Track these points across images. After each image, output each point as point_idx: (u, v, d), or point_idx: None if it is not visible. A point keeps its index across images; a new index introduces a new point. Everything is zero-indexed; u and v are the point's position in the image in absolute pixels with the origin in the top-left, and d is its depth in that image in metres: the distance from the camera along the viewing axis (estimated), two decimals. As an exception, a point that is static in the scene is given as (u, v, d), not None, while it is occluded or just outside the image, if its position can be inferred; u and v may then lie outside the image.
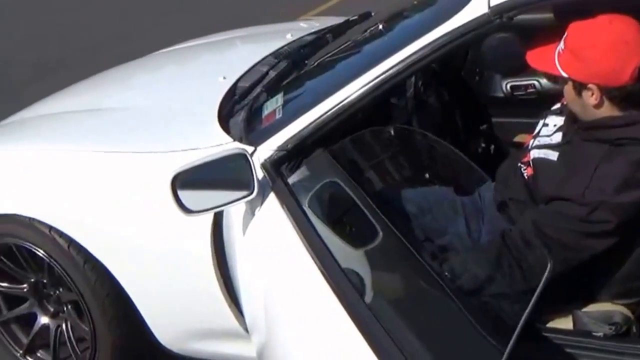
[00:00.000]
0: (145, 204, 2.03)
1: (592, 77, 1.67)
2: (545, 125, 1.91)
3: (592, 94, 1.68)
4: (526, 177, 1.86)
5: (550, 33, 1.78)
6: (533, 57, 1.80)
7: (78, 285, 2.19)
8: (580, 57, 1.67)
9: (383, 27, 2.19)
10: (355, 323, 1.35)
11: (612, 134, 1.68)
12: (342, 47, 2.27)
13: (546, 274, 1.43)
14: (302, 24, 3.33)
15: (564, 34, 1.73)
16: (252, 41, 3.12)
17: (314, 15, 5.60)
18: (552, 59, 1.72)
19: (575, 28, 1.70)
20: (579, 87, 1.70)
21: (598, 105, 1.69)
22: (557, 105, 2.01)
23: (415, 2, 2.32)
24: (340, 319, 1.37)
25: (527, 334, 1.63)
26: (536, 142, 1.87)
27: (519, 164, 1.90)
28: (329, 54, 2.28)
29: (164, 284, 2.07)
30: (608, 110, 1.70)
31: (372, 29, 2.26)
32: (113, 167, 2.09)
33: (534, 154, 1.84)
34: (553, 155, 1.81)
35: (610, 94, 1.67)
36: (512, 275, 1.68)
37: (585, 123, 1.75)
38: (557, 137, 1.86)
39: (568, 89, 1.74)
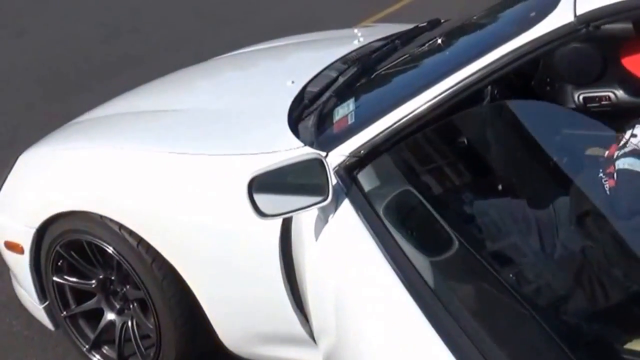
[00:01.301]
0: (216, 206, 2.02)
1: None
2: (634, 135, 1.83)
3: None
4: (607, 190, 1.79)
5: None
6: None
7: (145, 284, 2.19)
8: None
9: (458, 35, 2.14)
10: (435, 329, 1.31)
11: None
12: (415, 54, 2.23)
13: None
14: (365, 31, 3.29)
15: None
16: (318, 46, 3.10)
17: (373, 22, 5.56)
18: None
19: None
20: None
21: None
22: None
23: (489, 10, 2.26)
24: (419, 326, 1.33)
25: (605, 354, 1.56)
26: (622, 153, 1.80)
27: (600, 175, 1.83)
28: (401, 61, 2.24)
29: (231, 287, 2.07)
30: None
31: (445, 37, 2.21)
32: (185, 169, 2.10)
33: (620, 164, 1.77)
34: (638, 167, 1.73)
35: None
36: (592, 292, 1.61)
37: None
38: None
39: None
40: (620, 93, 2.47)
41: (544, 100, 2.51)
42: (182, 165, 2.10)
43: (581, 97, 2.58)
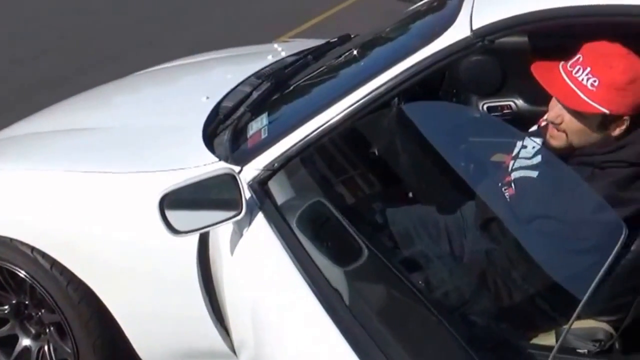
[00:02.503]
0: (130, 224, 1.98)
1: (635, 109, 1.65)
2: (524, 147, 1.91)
3: (621, 125, 1.67)
4: (508, 198, 1.86)
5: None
6: (562, 96, 1.72)
7: (61, 307, 2.12)
8: (627, 91, 1.64)
9: (366, 49, 2.18)
10: (347, 339, 1.32)
11: (599, 158, 1.69)
12: (326, 68, 2.26)
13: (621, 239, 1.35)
14: (280, 46, 3.32)
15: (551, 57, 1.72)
16: (233, 62, 3.10)
17: (290, 38, 5.61)
18: (578, 97, 1.66)
19: (604, 63, 1.67)
20: (608, 120, 1.67)
21: (614, 133, 1.67)
22: (534, 128, 2.01)
23: (396, 25, 2.32)
24: (332, 335, 1.34)
25: (511, 350, 1.62)
26: (517, 164, 1.87)
27: (500, 185, 1.90)
28: (313, 75, 2.27)
29: (149, 305, 2.03)
30: (614, 134, 1.68)
31: (354, 51, 2.25)
32: (98, 187, 2.05)
33: (515, 175, 1.84)
34: (535, 176, 1.80)
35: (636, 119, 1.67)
36: (497, 292, 1.66)
37: (576, 150, 1.75)
38: (537, 159, 1.86)
39: (582, 122, 1.70)
40: (520, 102, 2.59)
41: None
42: (95, 184, 2.05)
43: (485, 107, 2.69)
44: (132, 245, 1.98)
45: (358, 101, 1.77)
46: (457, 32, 1.71)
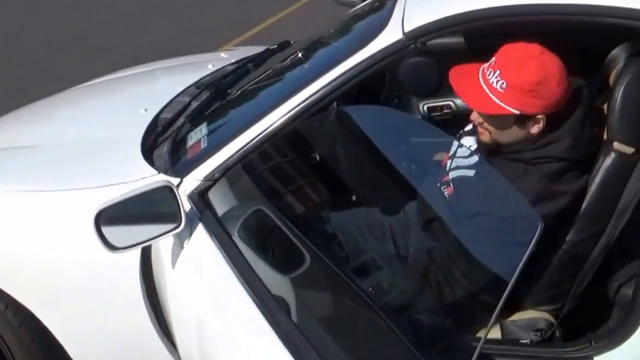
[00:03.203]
0: (69, 243, 1.93)
1: (547, 108, 1.69)
2: (460, 146, 1.93)
3: (538, 123, 1.70)
4: (447, 196, 1.88)
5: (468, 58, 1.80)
6: (471, 99, 1.78)
7: (0, 332, 2.05)
8: (536, 92, 1.67)
9: (303, 55, 2.18)
10: (288, 349, 1.32)
11: (529, 155, 1.72)
12: (264, 75, 2.25)
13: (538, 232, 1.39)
14: (223, 54, 3.30)
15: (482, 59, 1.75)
16: (173, 72, 3.06)
17: (234, 46, 5.58)
18: (489, 99, 1.70)
19: (514, 65, 1.70)
20: (524, 119, 1.71)
21: (532, 131, 1.71)
22: (469, 127, 2.04)
23: (333, 30, 2.32)
24: (274, 346, 1.33)
25: (458, 347, 1.63)
26: (454, 163, 1.89)
27: (439, 184, 1.91)
28: (252, 83, 2.25)
29: (94, 324, 1.97)
30: (533, 132, 1.72)
31: (292, 57, 2.25)
32: (35, 207, 1.99)
33: (453, 174, 1.86)
34: (472, 174, 1.83)
35: (552, 118, 1.71)
36: (439, 290, 1.68)
37: (504, 147, 1.78)
38: (474, 158, 1.89)
39: (499, 122, 1.74)
40: (458, 102, 2.62)
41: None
42: (31, 204, 1.99)
43: (425, 107, 2.71)
44: (72, 264, 1.93)
45: (296, 107, 1.77)
46: (389, 36, 1.72)
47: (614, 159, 1.75)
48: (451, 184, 1.86)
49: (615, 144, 1.74)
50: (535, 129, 1.71)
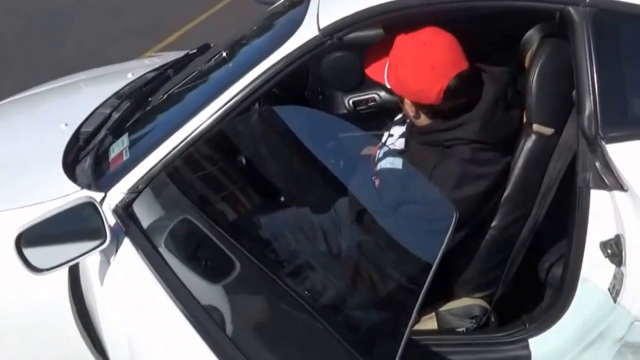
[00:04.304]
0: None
1: (406, 94, 1.76)
2: (390, 135, 1.95)
3: (410, 107, 1.77)
4: (376, 187, 1.88)
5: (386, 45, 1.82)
6: (370, 68, 1.85)
7: None
8: (396, 74, 1.74)
9: (222, 58, 2.15)
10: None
11: (441, 137, 1.75)
12: (184, 81, 2.21)
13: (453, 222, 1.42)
14: (146, 61, 3.22)
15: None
16: (93, 83, 2.97)
17: (157, 52, 5.47)
18: (383, 71, 1.78)
19: (397, 45, 1.76)
20: (401, 99, 1.79)
21: (416, 117, 1.78)
22: (400, 116, 2.05)
23: (252, 30, 2.29)
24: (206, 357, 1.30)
25: (395, 340, 1.63)
26: (382, 154, 1.89)
27: (370, 175, 1.91)
28: (172, 90, 2.21)
29: (24, 348, 1.89)
30: (427, 120, 1.78)
31: (211, 60, 2.21)
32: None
33: (381, 164, 1.86)
34: (398, 163, 1.84)
35: (422, 109, 1.76)
36: (372, 283, 1.68)
37: (418, 129, 1.82)
38: (400, 144, 1.90)
39: (406, 106, 1.81)
40: (382, 94, 2.63)
41: (316, 108, 2.60)
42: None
43: (351, 102, 2.71)
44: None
45: (217, 111, 1.74)
46: (305, 33, 1.72)
47: (535, 141, 1.78)
48: (379, 174, 1.86)
49: (535, 126, 1.78)
50: (410, 112, 1.78)
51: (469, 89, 1.72)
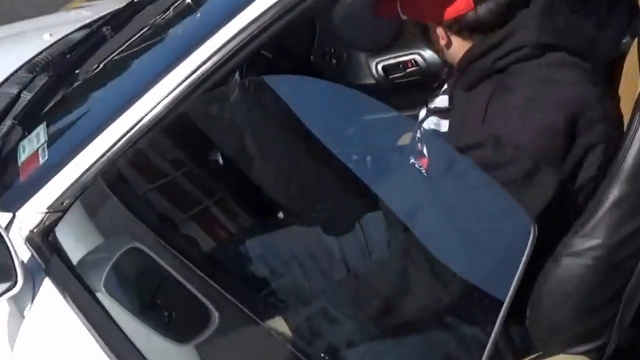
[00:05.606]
0: None
1: (428, 13, 1.91)
2: (438, 95, 2.03)
3: (441, 35, 1.91)
4: (423, 171, 1.92)
5: None
6: (380, 6, 2.02)
7: None
8: None
9: (187, 5, 2.19)
10: None
11: (488, 59, 1.85)
12: (128, 43, 2.25)
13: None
14: (71, 14, 3.27)
15: None
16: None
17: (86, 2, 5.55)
18: (396, 6, 1.92)
19: None
20: (427, 31, 1.96)
21: (448, 45, 1.93)
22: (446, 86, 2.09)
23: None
24: None
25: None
26: (425, 111, 2.02)
27: (412, 162, 1.95)
28: (110, 56, 2.25)
29: None
30: (464, 44, 1.90)
31: (169, 10, 2.25)
32: None
33: (425, 126, 1.98)
34: (445, 126, 1.94)
35: (454, 29, 1.88)
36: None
37: (458, 69, 1.94)
38: (444, 102, 1.99)
39: (436, 38, 1.95)
40: (428, 55, 2.64)
41: (329, 79, 2.62)
42: None
43: (380, 67, 2.74)
44: None
45: (178, 85, 1.77)
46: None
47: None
48: (424, 148, 1.92)
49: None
50: (442, 42, 1.93)
51: None
